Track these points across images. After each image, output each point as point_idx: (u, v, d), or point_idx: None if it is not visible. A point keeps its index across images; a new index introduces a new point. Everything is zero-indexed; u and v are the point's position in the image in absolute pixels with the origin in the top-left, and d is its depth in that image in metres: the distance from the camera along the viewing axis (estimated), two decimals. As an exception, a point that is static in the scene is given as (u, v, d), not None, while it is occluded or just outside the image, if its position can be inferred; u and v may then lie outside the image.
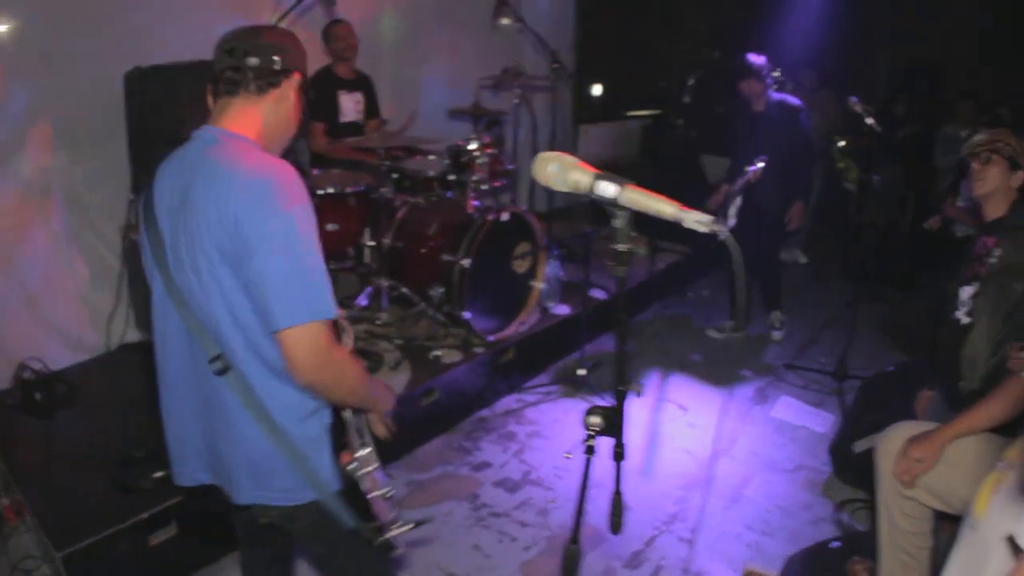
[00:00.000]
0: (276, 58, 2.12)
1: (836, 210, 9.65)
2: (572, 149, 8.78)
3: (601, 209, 1.86)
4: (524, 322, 5.71)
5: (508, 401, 5.52)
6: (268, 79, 2.12)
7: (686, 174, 8.68)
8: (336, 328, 2.16)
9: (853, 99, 5.47)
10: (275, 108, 2.17)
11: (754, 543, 4.16)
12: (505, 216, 5.31)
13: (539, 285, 5.74)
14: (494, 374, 5.45)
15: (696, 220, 1.72)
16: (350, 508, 2.16)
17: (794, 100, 5.94)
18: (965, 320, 3.40)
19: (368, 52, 6.24)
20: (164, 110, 4.53)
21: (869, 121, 5.37)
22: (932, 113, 9.35)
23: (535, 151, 6.79)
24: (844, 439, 4.79)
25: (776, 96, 5.94)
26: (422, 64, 6.10)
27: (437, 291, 5.16)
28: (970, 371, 3.33)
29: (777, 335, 6.67)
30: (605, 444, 2.14)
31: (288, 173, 2.00)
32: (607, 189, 1.79)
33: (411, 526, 2.30)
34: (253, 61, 2.09)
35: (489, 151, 5.52)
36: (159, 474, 3.69)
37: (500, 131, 5.90)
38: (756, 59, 5.81)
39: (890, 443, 3.27)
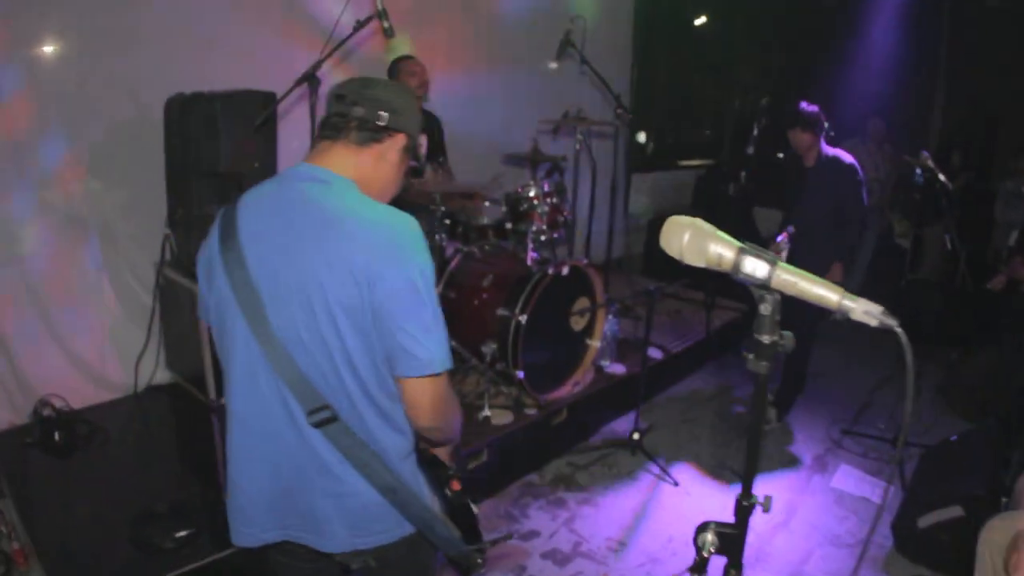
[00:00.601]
0: (383, 113, 2.06)
1: (888, 266, 9.44)
2: (624, 198, 8.59)
3: (663, 262, 1.63)
4: (579, 382, 5.46)
5: (558, 465, 5.26)
6: (371, 132, 2.07)
7: (738, 227, 8.43)
8: None
9: (925, 153, 5.22)
10: (374, 164, 2.11)
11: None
12: (565, 270, 5.06)
13: (596, 344, 5.50)
14: (545, 436, 5.22)
15: (865, 312, 1.47)
16: (453, 532, 2.23)
17: (848, 157, 5.46)
18: None
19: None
20: (203, 141, 4.43)
21: (942, 178, 5.12)
22: (989, 165, 9.15)
23: (594, 200, 6.59)
24: (907, 512, 4.58)
25: (830, 151, 5.48)
26: (480, 105, 5.90)
27: (490, 347, 4.92)
28: None
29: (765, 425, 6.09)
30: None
31: (410, 221, 2.00)
32: (756, 268, 1.53)
33: (504, 537, 2.56)
34: (359, 111, 2.05)
35: (550, 199, 5.29)
36: (182, 533, 3.53)
37: (559, 178, 5.66)
38: (807, 107, 5.42)
39: (996, 533, 2.98)
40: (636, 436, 5.33)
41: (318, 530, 2.12)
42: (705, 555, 1.80)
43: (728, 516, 4.00)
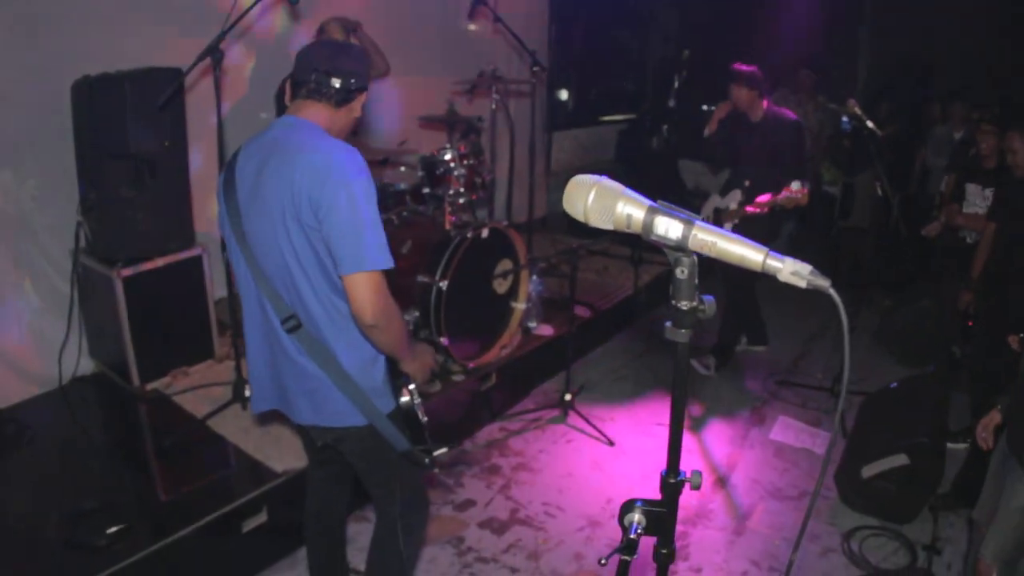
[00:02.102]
0: (353, 81, 2.59)
1: (819, 214, 9.48)
2: (546, 157, 8.49)
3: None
4: (506, 345, 5.38)
5: (490, 430, 5.19)
6: (345, 96, 2.60)
7: (663, 180, 8.40)
8: None
9: (852, 101, 5.21)
10: (346, 115, 2.66)
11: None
12: (485, 233, 4.95)
13: (521, 306, 5.42)
14: (475, 402, 5.14)
15: (793, 272, 1.35)
16: (401, 431, 2.72)
17: (791, 114, 5.63)
18: None
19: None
20: (112, 123, 4.35)
21: (870, 125, 5.10)
22: (916, 113, 9.20)
23: (513, 161, 6.47)
24: (849, 462, 4.59)
25: (774, 108, 5.62)
26: (392, 68, 5.73)
27: (412, 315, 4.83)
28: None
29: (704, 371, 6.17)
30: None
31: (352, 154, 2.46)
32: (670, 228, 1.40)
33: (445, 449, 2.89)
34: (336, 82, 2.56)
35: (467, 161, 5.16)
36: (114, 528, 3.41)
37: (476, 139, 5.53)
38: (744, 67, 5.52)
39: None
40: (568, 397, 5.28)
41: (289, 404, 2.77)
42: (632, 537, 1.69)
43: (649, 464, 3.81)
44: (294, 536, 3.89)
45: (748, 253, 1.38)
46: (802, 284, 1.35)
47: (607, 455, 4.95)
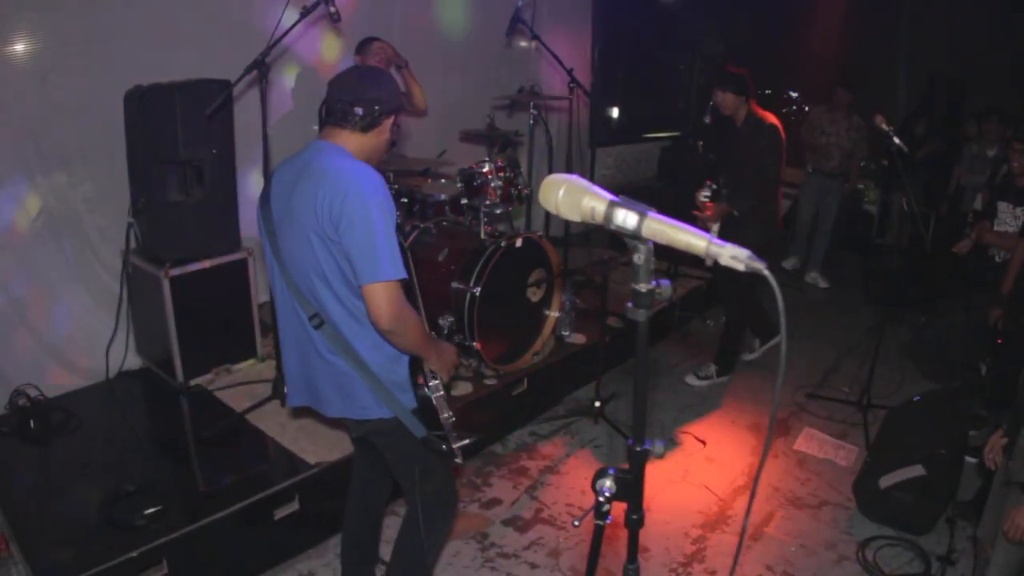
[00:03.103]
0: (377, 108, 2.77)
1: (856, 232, 9.50)
2: (589, 172, 8.61)
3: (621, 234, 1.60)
4: (538, 352, 5.50)
5: (521, 435, 5.31)
6: (370, 122, 2.78)
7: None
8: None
9: (880, 117, 5.23)
10: (374, 139, 2.84)
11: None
12: (519, 242, 5.09)
13: (554, 314, 5.53)
14: (506, 407, 5.25)
15: (732, 256, 1.45)
16: (421, 422, 2.91)
17: (772, 119, 5.50)
18: None
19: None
20: (162, 131, 4.53)
21: (896, 141, 5.12)
22: (954, 131, 9.17)
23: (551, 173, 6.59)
24: (868, 473, 4.62)
25: (758, 112, 5.52)
26: (434, 84, 5.90)
27: (447, 320, 4.94)
28: None
29: (695, 383, 6.23)
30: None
31: (369, 174, 2.67)
32: (627, 219, 1.52)
33: (468, 440, 3.05)
34: (359, 111, 2.74)
35: (503, 174, 5.30)
36: (151, 510, 3.58)
37: (514, 153, 5.68)
38: (733, 69, 5.51)
39: None
40: (598, 404, 5.38)
41: (319, 398, 2.99)
42: (602, 500, 1.83)
43: (690, 481, 4.01)
44: (325, 527, 4.06)
45: (692, 240, 1.47)
46: (740, 267, 1.44)
47: (633, 461, 5.02)
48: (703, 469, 4.99)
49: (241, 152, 4.99)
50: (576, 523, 1.80)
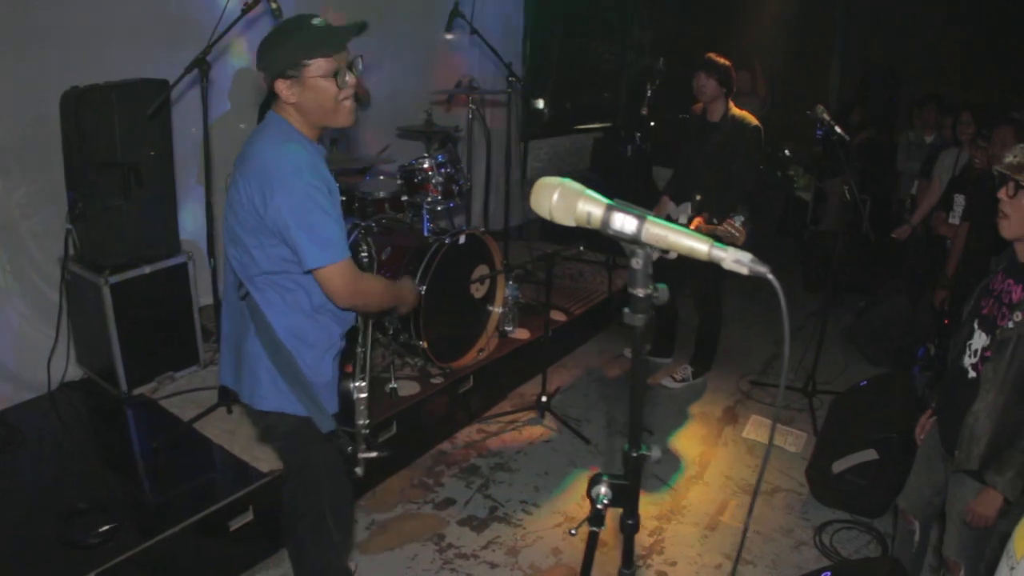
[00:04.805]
0: (267, 64, 2.54)
1: (791, 219, 9.65)
2: (521, 165, 8.61)
3: (563, 228, 1.60)
4: (483, 349, 5.50)
5: (469, 432, 5.31)
6: (271, 79, 2.55)
7: (638, 187, 8.51)
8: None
9: (820, 107, 5.28)
10: (303, 97, 2.57)
11: (736, 573, 4.03)
12: (462, 239, 5.08)
13: (498, 310, 5.54)
14: (453, 404, 5.25)
15: (736, 260, 1.44)
16: (333, 421, 2.77)
17: (754, 121, 5.29)
18: (971, 374, 2.98)
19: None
20: (100, 133, 4.43)
21: (838, 130, 5.20)
22: (890, 119, 9.36)
23: (490, 169, 6.59)
24: (820, 458, 4.72)
25: (737, 110, 5.35)
26: (370, 80, 5.84)
27: (392, 320, 4.91)
28: (968, 446, 2.90)
29: (672, 385, 6.16)
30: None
31: (287, 157, 2.49)
32: (625, 223, 1.50)
33: (376, 454, 2.89)
34: (261, 69, 2.56)
35: (444, 170, 5.28)
36: (105, 527, 3.49)
37: (454, 149, 5.65)
38: (720, 58, 5.28)
39: None
40: (544, 399, 5.40)
41: (240, 382, 2.83)
42: (599, 507, 1.84)
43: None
44: (281, 536, 4.02)
45: (695, 244, 1.46)
46: (744, 271, 1.44)
47: (583, 453, 5.08)
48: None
49: (179, 153, 4.90)
50: (573, 532, 1.80)
